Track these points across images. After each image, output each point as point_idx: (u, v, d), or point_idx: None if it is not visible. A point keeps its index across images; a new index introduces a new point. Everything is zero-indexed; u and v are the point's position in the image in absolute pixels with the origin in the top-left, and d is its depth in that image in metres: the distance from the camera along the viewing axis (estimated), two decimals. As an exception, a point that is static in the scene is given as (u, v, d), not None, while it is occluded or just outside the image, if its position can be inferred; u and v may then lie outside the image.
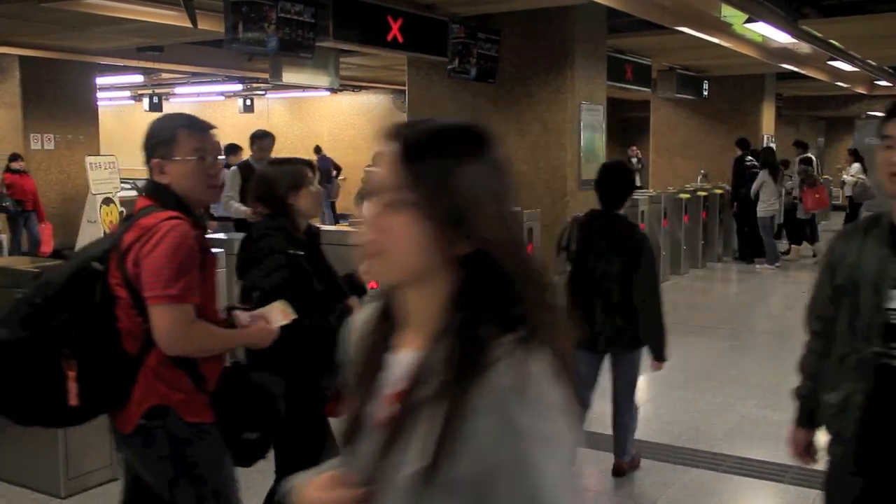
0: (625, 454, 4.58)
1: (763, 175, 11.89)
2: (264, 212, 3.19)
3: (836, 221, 16.61)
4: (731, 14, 8.86)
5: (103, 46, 11.69)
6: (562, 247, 4.38)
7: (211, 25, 7.91)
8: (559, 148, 8.73)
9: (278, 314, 2.80)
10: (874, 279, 2.19)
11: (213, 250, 2.64)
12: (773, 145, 14.41)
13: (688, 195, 11.74)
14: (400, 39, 7.71)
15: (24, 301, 2.42)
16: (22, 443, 4.42)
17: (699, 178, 14.35)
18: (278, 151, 24.59)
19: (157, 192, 2.55)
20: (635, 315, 4.17)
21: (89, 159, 13.02)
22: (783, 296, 10.37)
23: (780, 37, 9.74)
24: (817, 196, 12.70)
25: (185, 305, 2.40)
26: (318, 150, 18.41)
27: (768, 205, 11.79)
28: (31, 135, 12.98)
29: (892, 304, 2.16)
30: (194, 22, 7.01)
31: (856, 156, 15.59)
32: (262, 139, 7.65)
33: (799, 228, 13.34)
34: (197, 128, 2.61)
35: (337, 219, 18.00)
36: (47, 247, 11.24)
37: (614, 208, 4.31)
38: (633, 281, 4.14)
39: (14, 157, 11.67)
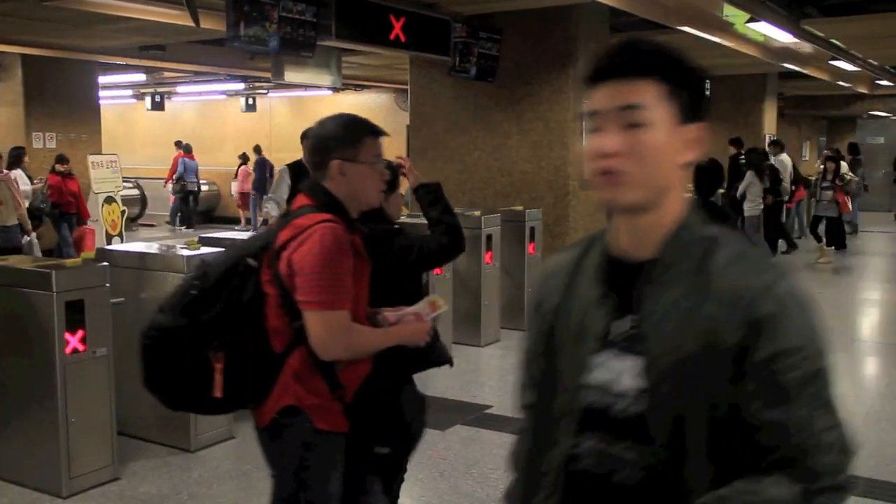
0: None
1: (749, 176, 11.95)
2: None
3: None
4: (733, 13, 8.86)
5: (105, 45, 11.69)
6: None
7: (213, 24, 7.91)
8: (561, 147, 8.73)
9: (427, 307, 2.75)
10: (575, 336, 1.42)
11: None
12: (768, 144, 14.38)
13: (689, 194, 11.73)
14: (402, 38, 7.71)
15: (184, 289, 2.45)
16: (23, 442, 4.43)
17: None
18: (278, 152, 24.90)
19: (316, 192, 2.54)
20: None
21: (91, 158, 13.04)
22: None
23: (782, 36, 9.73)
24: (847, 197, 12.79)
25: (342, 311, 2.38)
26: (257, 149, 18.08)
27: (755, 204, 11.85)
28: (34, 133, 13.00)
29: (592, 378, 1.38)
30: (196, 21, 7.01)
31: (839, 154, 15.68)
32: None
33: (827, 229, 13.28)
34: (378, 133, 2.63)
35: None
36: (89, 249, 11.18)
37: (706, 198, 5.27)
38: None
39: (60, 159, 11.59)
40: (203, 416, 4.44)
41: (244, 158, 18.28)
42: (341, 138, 2.55)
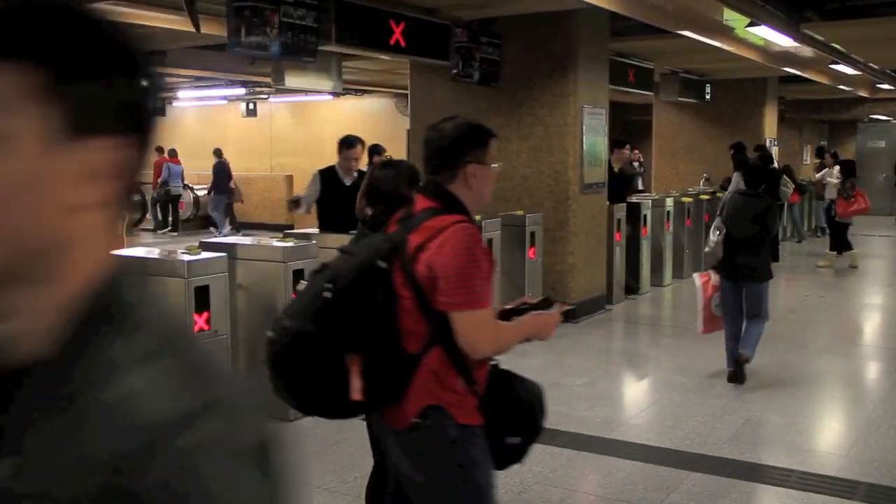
0: (748, 348, 6.37)
1: (737, 177, 11.95)
2: (378, 210, 3.34)
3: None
4: (733, 18, 8.86)
5: (106, 51, 11.70)
6: (718, 213, 6.54)
7: (214, 30, 7.93)
8: (561, 151, 8.73)
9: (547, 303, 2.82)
10: None
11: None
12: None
13: (690, 199, 11.74)
14: (402, 43, 7.72)
15: (315, 294, 2.43)
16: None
17: (702, 182, 14.35)
18: (279, 156, 24.83)
19: (441, 195, 2.55)
20: (761, 258, 6.34)
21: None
22: (786, 299, 10.35)
23: (783, 40, 9.74)
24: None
25: (487, 309, 2.43)
26: (217, 153, 18.18)
27: None
28: (35, 139, 13.01)
29: None
30: (197, 26, 7.03)
31: (836, 158, 15.81)
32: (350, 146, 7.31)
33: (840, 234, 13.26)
34: (494, 135, 2.69)
35: (237, 227, 17.92)
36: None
37: (754, 189, 6.48)
38: (762, 237, 6.30)
39: None
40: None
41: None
42: (472, 142, 2.60)
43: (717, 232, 6.35)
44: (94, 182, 0.79)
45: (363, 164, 7.49)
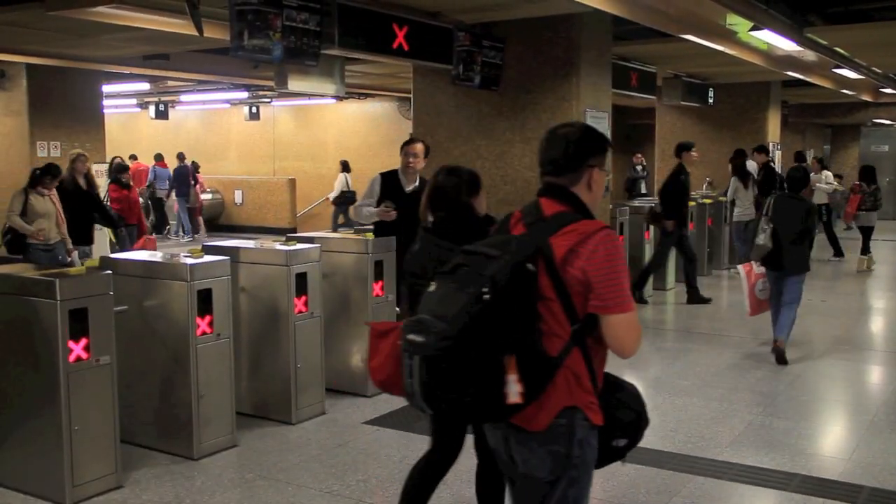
0: (783, 334, 7.31)
1: (734, 182, 12.01)
2: (440, 216, 3.53)
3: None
4: (736, 22, 8.86)
5: (109, 54, 11.73)
6: (764, 213, 7.40)
7: (217, 33, 7.94)
8: (564, 155, 8.71)
9: None
10: None
11: None
12: (774, 150, 14.42)
13: (693, 203, 11.74)
14: (405, 47, 7.73)
15: (474, 297, 2.38)
16: (26, 450, 4.43)
17: (704, 186, 14.34)
18: (282, 160, 24.80)
19: (570, 198, 2.63)
20: (802, 252, 7.29)
21: (95, 167, 13.07)
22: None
23: (786, 44, 9.74)
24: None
25: (635, 311, 2.52)
26: (180, 156, 18.43)
27: (743, 209, 11.89)
28: (38, 142, 13.04)
29: None
30: (200, 30, 7.03)
31: (822, 163, 16.08)
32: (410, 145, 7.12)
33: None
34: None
35: (196, 228, 17.91)
36: None
37: (795, 192, 7.52)
38: (804, 234, 7.21)
39: (122, 169, 11.38)
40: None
41: (195, 166, 18.59)
42: (597, 147, 2.67)
43: (766, 228, 7.26)
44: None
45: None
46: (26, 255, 8.32)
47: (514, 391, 2.37)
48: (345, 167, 18.02)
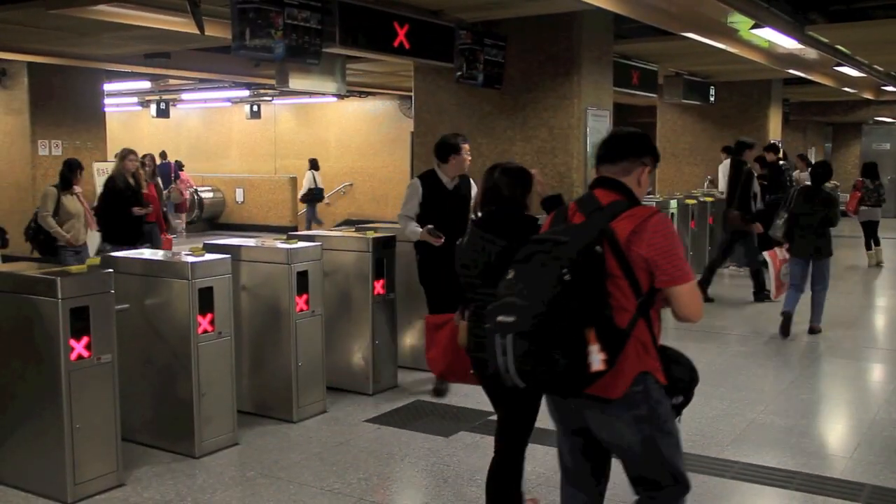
0: (817, 320, 8.17)
1: (722, 168, 12.00)
2: (488, 210, 3.70)
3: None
4: (737, 20, 8.86)
5: (111, 53, 11.73)
6: (787, 203, 8.18)
7: (218, 32, 7.94)
8: (565, 153, 8.73)
9: None
10: None
11: None
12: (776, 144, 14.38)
13: (694, 201, 11.73)
14: (406, 45, 7.73)
15: (557, 277, 2.62)
16: (28, 448, 4.43)
17: (706, 184, 14.34)
18: (283, 158, 24.75)
19: (623, 189, 2.91)
20: (826, 239, 7.98)
21: (97, 165, 13.10)
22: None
23: (787, 42, 9.73)
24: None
25: (694, 281, 2.83)
26: (162, 154, 18.52)
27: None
28: (39, 141, 13.05)
29: None
30: (201, 29, 7.04)
31: (806, 160, 16.07)
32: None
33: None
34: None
35: (171, 228, 17.81)
36: None
37: (818, 185, 8.17)
38: (825, 223, 7.96)
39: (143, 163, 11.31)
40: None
41: (178, 164, 18.61)
42: (652, 149, 3.02)
43: (779, 222, 8.12)
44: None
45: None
46: (56, 256, 8.31)
47: (596, 360, 2.63)
48: (313, 165, 18.35)
